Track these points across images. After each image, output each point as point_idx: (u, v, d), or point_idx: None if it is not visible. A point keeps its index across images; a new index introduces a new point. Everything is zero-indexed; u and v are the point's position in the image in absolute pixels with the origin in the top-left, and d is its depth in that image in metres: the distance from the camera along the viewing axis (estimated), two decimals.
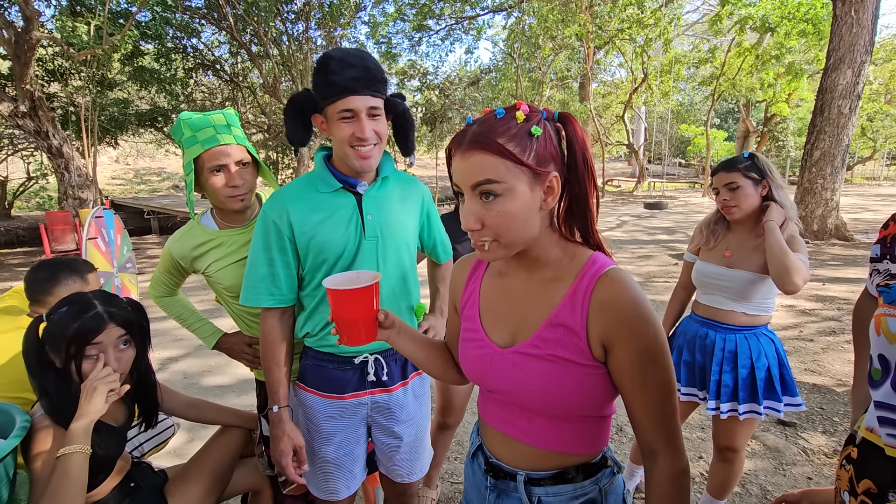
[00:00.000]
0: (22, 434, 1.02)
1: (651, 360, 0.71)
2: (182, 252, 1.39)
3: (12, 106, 7.56)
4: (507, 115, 0.71)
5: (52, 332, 1.12)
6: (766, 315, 1.68)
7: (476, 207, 0.72)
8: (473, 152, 0.70)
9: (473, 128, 0.72)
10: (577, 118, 6.35)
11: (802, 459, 2.34)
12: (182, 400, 1.52)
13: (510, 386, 0.79)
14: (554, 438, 0.79)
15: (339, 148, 1.16)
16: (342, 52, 1.10)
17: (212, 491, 1.42)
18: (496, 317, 0.84)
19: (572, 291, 0.75)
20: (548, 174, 0.72)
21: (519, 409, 0.81)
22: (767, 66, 14.98)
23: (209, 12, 11.25)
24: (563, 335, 0.74)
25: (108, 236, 2.22)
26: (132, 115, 11.76)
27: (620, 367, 0.73)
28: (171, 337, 4.26)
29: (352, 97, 1.09)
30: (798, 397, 1.66)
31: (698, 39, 19.29)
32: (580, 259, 0.78)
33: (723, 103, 25.70)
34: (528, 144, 0.70)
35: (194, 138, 1.30)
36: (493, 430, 0.87)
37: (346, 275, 0.95)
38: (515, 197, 0.70)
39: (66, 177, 8.41)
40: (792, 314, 4.54)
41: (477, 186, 0.71)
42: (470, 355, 0.85)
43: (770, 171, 1.61)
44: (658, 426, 0.74)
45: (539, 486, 0.81)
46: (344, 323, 0.89)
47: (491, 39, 19.54)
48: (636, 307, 0.71)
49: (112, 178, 20.50)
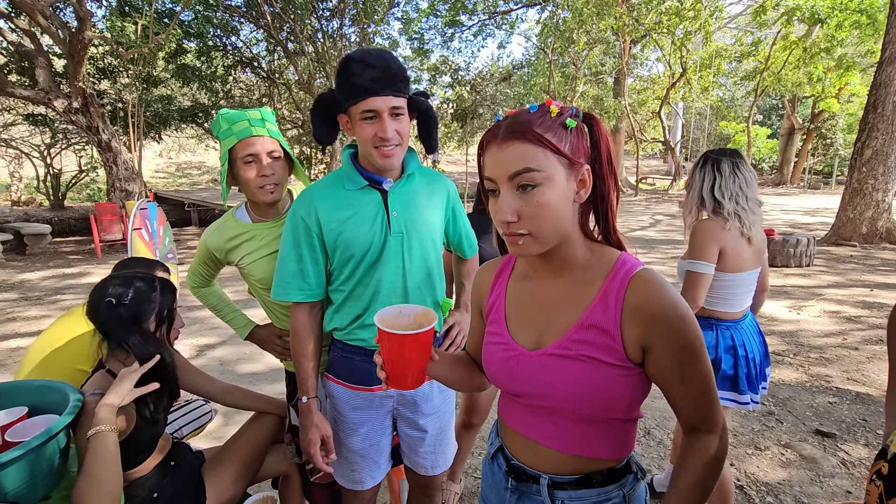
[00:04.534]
0: (74, 411, 1.09)
1: (693, 355, 0.72)
2: (217, 244, 1.45)
3: (66, 102, 8.00)
4: (540, 109, 0.73)
5: (134, 309, 1.25)
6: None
7: (512, 199, 0.71)
8: (512, 142, 0.70)
9: (507, 121, 0.72)
10: (611, 114, 6.21)
11: (841, 472, 2.25)
12: (219, 386, 1.59)
13: (537, 388, 0.79)
14: (580, 442, 0.79)
15: (363, 147, 1.18)
16: (363, 54, 1.11)
17: (245, 473, 1.49)
18: (522, 320, 0.84)
19: (603, 292, 0.75)
20: (581, 166, 0.73)
21: (544, 413, 0.81)
22: (816, 59, 14.27)
23: (248, 10, 11.57)
24: (595, 336, 0.74)
25: (152, 227, 2.34)
26: (175, 111, 12.23)
27: (662, 367, 0.73)
28: (207, 325, 4.44)
29: (373, 98, 1.10)
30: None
31: (741, 32, 18.50)
32: (608, 259, 0.78)
33: (766, 99, 24.60)
34: (563, 135, 0.71)
35: (230, 130, 1.36)
36: (515, 433, 0.87)
37: (389, 310, 0.87)
38: (553, 186, 0.71)
39: (114, 170, 8.84)
40: (836, 321, 4.33)
41: (515, 176, 0.70)
42: (495, 359, 0.85)
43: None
44: (702, 412, 0.75)
45: (562, 489, 0.81)
46: (396, 367, 0.81)
47: (524, 34, 19.29)
48: (673, 307, 0.71)
49: (155, 172, 21.41)
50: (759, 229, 1.64)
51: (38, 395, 1.21)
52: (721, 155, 1.65)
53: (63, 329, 1.60)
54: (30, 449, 0.96)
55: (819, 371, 3.34)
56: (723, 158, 1.63)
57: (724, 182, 1.60)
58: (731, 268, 1.61)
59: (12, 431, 1.10)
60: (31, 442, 0.97)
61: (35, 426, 1.12)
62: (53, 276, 6.93)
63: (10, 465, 0.94)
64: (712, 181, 1.62)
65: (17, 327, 4.64)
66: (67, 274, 7.09)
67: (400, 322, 0.84)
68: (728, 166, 1.61)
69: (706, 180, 1.63)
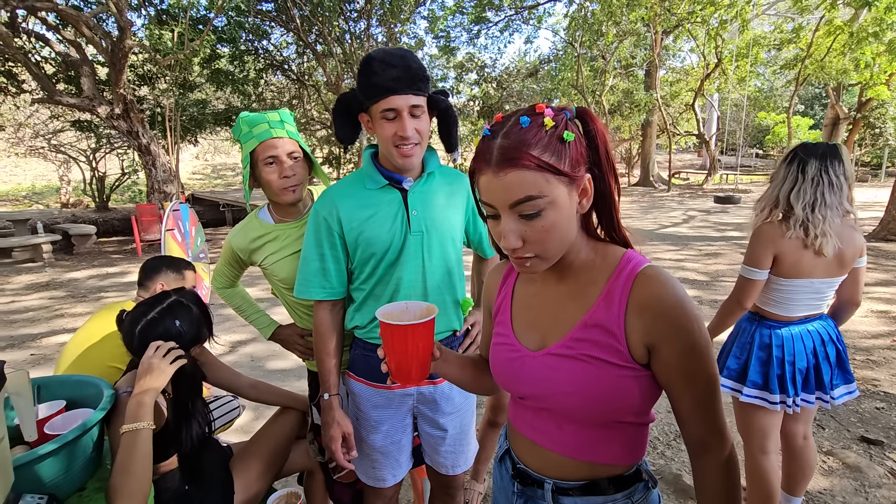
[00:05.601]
0: (107, 407, 1.14)
1: (699, 355, 0.69)
2: (241, 245, 1.48)
3: (109, 109, 8.38)
4: (532, 122, 0.67)
5: (190, 327, 1.30)
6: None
7: (516, 225, 0.69)
8: (508, 170, 0.65)
9: (499, 142, 0.67)
10: (642, 108, 6.07)
11: (889, 482, 2.12)
12: (245, 381, 1.63)
13: (540, 389, 0.77)
14: (584, 446, 0.77)
15: (383, 146, 1.19)
16: (383, 53, 1.12)
17: (271, 467, 1.52)
18: (527, 321, 0.83)
19: (607, 291, 0.73)
20: (582, 178, 0.70)
21: (548, 415, 0.79)
22: (864, 44, 13.47)
23: (278, 14, 11.83)
24: (598, 335, 0.72)
25: (184, 228, 2.42)
26: (209, 114, 12.63)
27: (668, 367, 0.71)
28: (239, 322, 4.57)
29: (393, 97, 1.11)
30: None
31: (780, 19, 17.69)
32: (613, 258, 0.76)
33: (808, 88, 23.47)
34: (562, 151, 0.67)
35: (250, 133, 1.39)
36: (521, 436, 0.85)
37: (395, 305, 0.87)
38: (557, 208, 0.68)
39: (153, 172, 9.21)
40: (884, 321, 4.09)
41: (517, 204, 0.67)
42: (499, 359, 0.84)
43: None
44: (708, 419, 0.72)
45: (567, 495, 0.79)
46: (398, 360, 0.82)
47: (551, 28, 18.99)
48: (680, 305, 0.69)
49: (193, 174, 22.21)
50: (836, 241, 1.49)
51: (77, 390, 1.27)
52: (811, 154, 1.51)
53: (97, 326, 1.67)
54: (65, 442, 1.01)
55: (866, 374, 3.17)
56: (811, 159, 1.50)
57: (803, 186, 1.49)
58: (788, 273, 1.54)
59: (50, 425, 1.16)
60: (66, 436, 1.02)
61: (72, 420, 1.17)
62: (98, 275, 7.27)
63: (47, 458, 0.99)
64: (793, 183, 1.52)
65: (65, 323, 4.90)
66: (110, 273, 7.43)
67: (405, 318, 0.84)
68: (814, 168, 1.49)
69: (787, 181, 1.54)
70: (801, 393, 1.59)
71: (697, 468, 0.76)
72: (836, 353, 1.62)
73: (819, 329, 1.63)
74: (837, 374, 1.63)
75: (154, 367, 1.16)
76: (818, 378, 1.60)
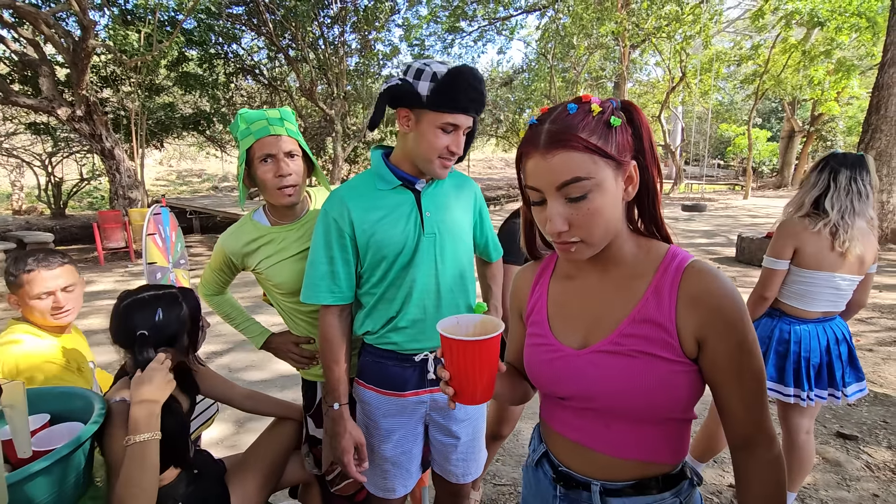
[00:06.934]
0: (100, 419, 1.06)
1: (748, 350, 0.70)
2: (234, 248, 1.40)
3: (70, 111, 8.00)
4: (579, 108, 0.69)
5: (167, 325, 1.21)
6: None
7: (562, 208, 0.69)
8: (556, 151, 0.67)
9: (547, 126, 0.68)
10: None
11: (867, 475, 2.21)
12: (240, 392, 1.56)
13: (587, 389, 0.76)
14: (634, 446, 0.76)
15: (424, 152, 1.16)
16: (472, 73, 1.13)
17: (269, 481, 1.45)
18: (566, 320, 0.81)
19: (655, 286, 0.73)
20: (628, 164, 0.71)
21: (594, 415, 0.77)
22: (816, 62, 14.31)
23: (249, 18, 11.62)
24: (649, 330, 0.71)
25: (165, 233, 2.31)
26: (177, 118, 12.24)
27: (717, 361, 0.70)
28: (213, 332, 4.40)
29: (463, 116, 1.15)
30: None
31: (739, 36, 18.60)
32: (657, 252, 0.76)
33: (766, 102, 24.69)
34: (609, 135, 0.68)
35: (248, 130, 1.32)
36: (562, 437, 0.83)
37: (448, 321, 0.80)
38: (604, 191, 0.68)
39: (118, 178, 8.84)
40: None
41: (564, 186, 0.67)
42: (538, 360, 0.82)
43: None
44: (754, 415, 0.72)
45: (616, 496, 0.77)
46: (464, 379, 0.74)
47: (524, 40, 19.42)
48: (731, 299, 0.69)
49: (156, 180, 21.41)
50: (861, 244, 1.61)
51: (61, 402, 1.17)
52: (842, 165, 1.63)
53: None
54: (58, 458, 0.93)
55: None
56: (842, 169, 1.62)
57: (836, 194, 1.61)
58: (809, 264, 1.63)
59: (35, 440, 1.07)
60: (60, 451, 0.94)
61: (59, 435, 1.09)
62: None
63: (38, 476, 0.91)
64: (822, 190, 1.64)
65: None
66: None
67: (460, 332, 0.78)
68: (845, 178, 1.61)
69: (817, 187, 1.65)
70: (815, 388, 1.66)
71: (741, 466, 0.75)
72: (848, 350, 1.70)
73: (833, 327, 1.71)
74: (849, 372, 1.71)
75: (156, 377, 1.10)
76: (830, 375, 1.67)
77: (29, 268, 1.40)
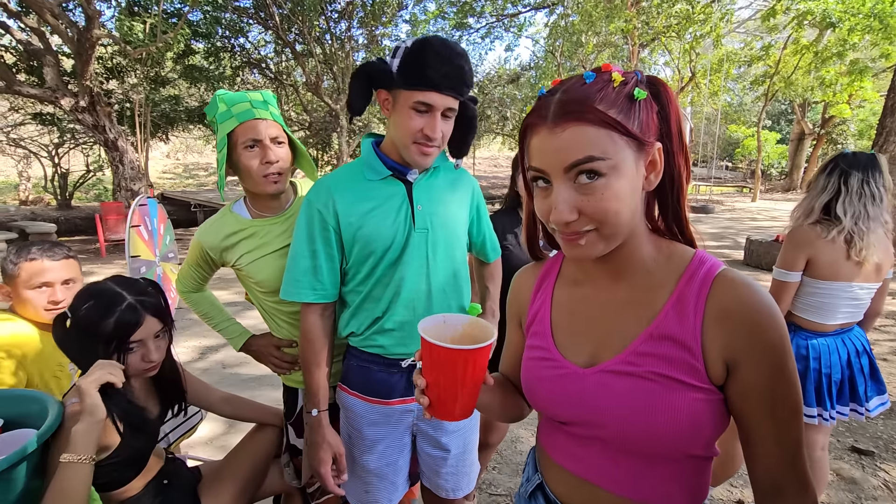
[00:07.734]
0: (54, 426, 0.97)
1: (787, 378, 0.58)
2: (212, 242, 1.30)
3: (73, 101, 7.95)
4: (598, 77, 0.58)
5: (86, 328, 1.07)
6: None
7: (570, 193, 0.57)
8: (567, 124, 0.55)
9: (558, 96, 0.57)
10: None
11: (885, 494, 2.09)
12: (217, 395, 1.48)
13: (592, 415, 0.65)
14: (643, 485, 0.64)
15: (401, 137, 1.07)
16: (443, 45, 1.02)
17: (245, 491, 1.36)
18: (573, 332, 0.69)
19: (677, 297, 0.61)
20: (652, 146, 0.59)
21: (601, 446, 0.66)
22: (827, 64, 14.07)
23: (257, 12, 11.55)
24: (668, 349, 0.60)
25: (152, 225, 2.22)
26: (182, 111, 12.19)
27: (749, 391, 0.59)
28: (207, 326, 4.32)
29: (435, 93, 1.02)
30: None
31: (750, 37, 18.34)
32: (681, 258, 0.64)
33: (775, 104, 24.38)
34: (631, 110, 0.57)
35: (229, 112, 1.23)
36: (561, 468, 0.72)
37: (432, 320, 0.71)
38: (621, 175, 0.57)
39: (121, 169, 8.79)
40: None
41: (575, 166, 0.56)
42: (537, 377, 0.71)
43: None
44: (788, 457, 0.60)
45: None
46: (442, 391, 0.65)
47: (531, 37, 19.21)
48: (770, 315, 0.57)
49: (163, 173, 21.45)
50: (877, 251, 1.51)
51: (16, 406, 1.08)
52: (852, 166, 1.51)
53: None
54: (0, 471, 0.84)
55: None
56: (853, 171, 1.50)
57: (848, 198, 1.49)
58: (824, 275, 1.51)
59: None
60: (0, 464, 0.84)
61: (11, 443, 0.99)
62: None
63: None
64: (832, 194, 1.52)
65: None
66: None
67: (445, 335, 0.68)
68: (856, 181, 1.49)
69: (826, 192, 1.53)
70: (836, 405, 1.55)
71: None
72: (869, 363, 1.59)
73: (853, 338, 1.59)
74: (871, 386, 1.60)
75: (89, 389, 0.96)
76: (853, 389, 1.56)
77: (32, 256, 1.35)
